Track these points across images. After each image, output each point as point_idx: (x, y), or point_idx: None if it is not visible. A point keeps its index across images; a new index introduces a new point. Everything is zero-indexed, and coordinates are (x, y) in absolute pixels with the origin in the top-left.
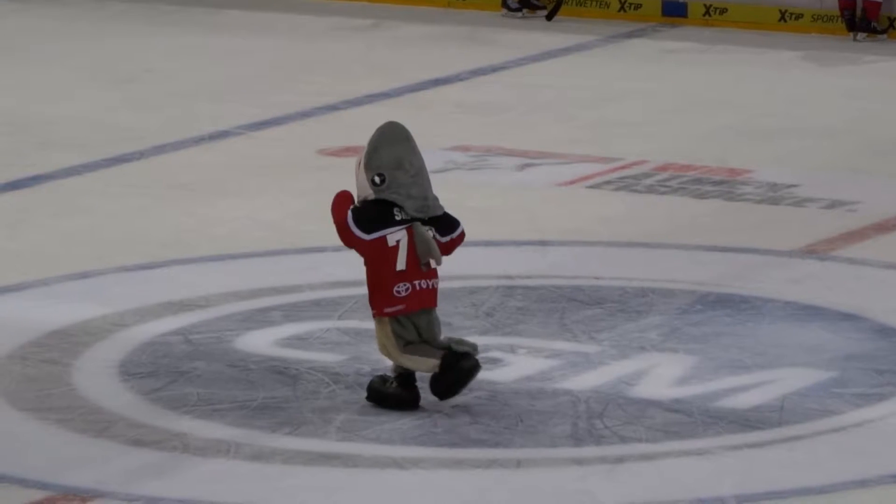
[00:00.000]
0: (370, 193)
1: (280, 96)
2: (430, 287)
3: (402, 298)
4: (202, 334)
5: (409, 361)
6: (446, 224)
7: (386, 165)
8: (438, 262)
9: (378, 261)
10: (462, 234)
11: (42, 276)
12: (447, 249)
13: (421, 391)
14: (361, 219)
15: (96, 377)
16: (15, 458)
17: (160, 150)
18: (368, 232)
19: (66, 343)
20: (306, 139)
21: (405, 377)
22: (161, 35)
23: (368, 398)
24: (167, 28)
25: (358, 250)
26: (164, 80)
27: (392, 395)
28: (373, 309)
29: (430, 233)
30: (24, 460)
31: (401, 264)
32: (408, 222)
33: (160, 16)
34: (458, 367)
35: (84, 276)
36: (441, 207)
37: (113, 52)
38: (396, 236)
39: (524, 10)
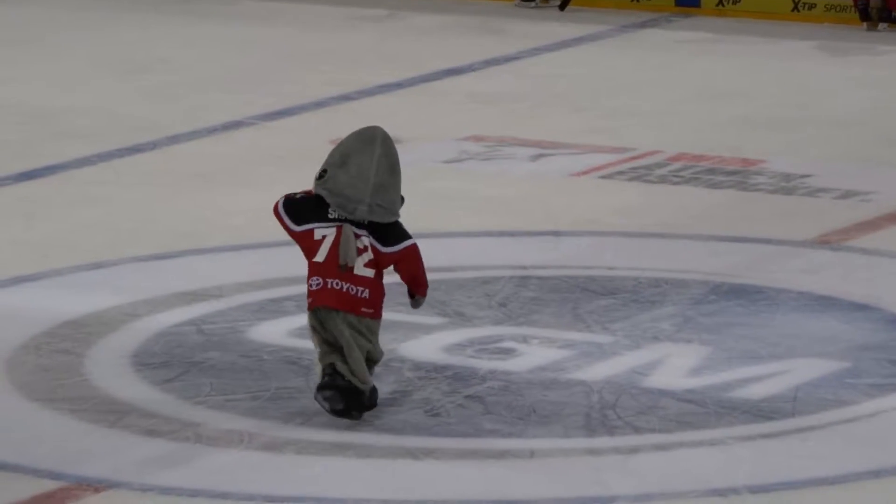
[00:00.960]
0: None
1: (293, 86)
2: (344, 290)
3: (312, 291)
4: (216, 324)
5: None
6: (392, 235)
7: (333, 162)
8: (346, 264)
9: (306, 252)
10: (408, 251)
11: (56, 266)
12: (386, 261)
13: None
14: (292, 209)
15: (109, 367)
16: (28, 448)
17: (174, 140)
18: (297, 223)
19: (79, 333)
20: (320, 129)
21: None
22: (175, 25)
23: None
24: (181, 18)
25: (291, 237)
26: (177, 70)
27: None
28: None
29: (365, 238)
30: (37, 450)
31: (319, 257)
32: (340, 222)
33: (174, 5)
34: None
35: (98, 266)
36: (390, 217)
37: (127, 42)
38: (324, 231)
39: (537, 0)
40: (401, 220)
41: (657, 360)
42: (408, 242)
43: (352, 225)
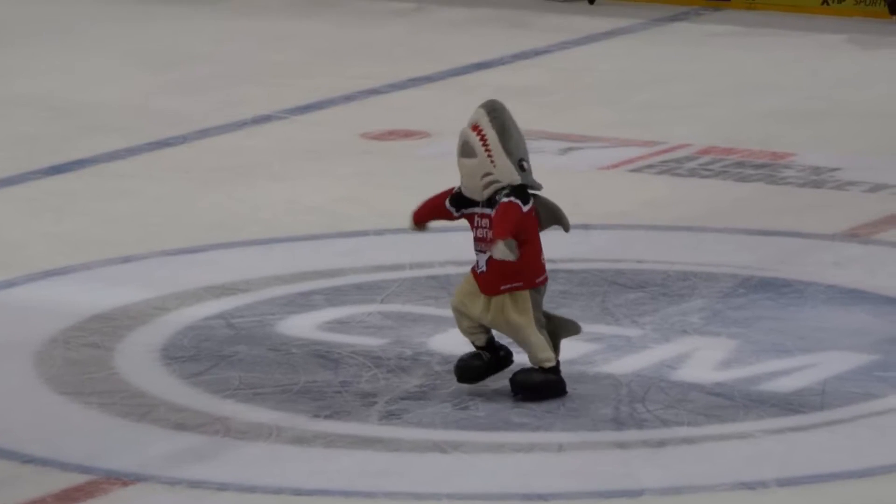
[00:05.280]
0: (516, 178)
1: (323, 80)
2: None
3: (544, 268)
4: (244, 318)
5: (536, 338)
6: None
7: (523, 151)
8: (566, 229)
9: (533, 231)
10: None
11: (85, 260)
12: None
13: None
14: (522, 195)
15: (138, 361)
16: (56, 442)
17: (204, 133)
18: (526, 203)
19: (108, 327)
20: (349, 123)
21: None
22: (205, 18)
23: (526, 391)
24: (212, 11)
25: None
26: (207, 63)
27: (552, 382)
28: (517, 282)
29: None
30: (65, 444)
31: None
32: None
33: None
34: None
35: (127, 260)
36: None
37: (157, 36)
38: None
39: None
40: None
41: (686, 354)
42: None
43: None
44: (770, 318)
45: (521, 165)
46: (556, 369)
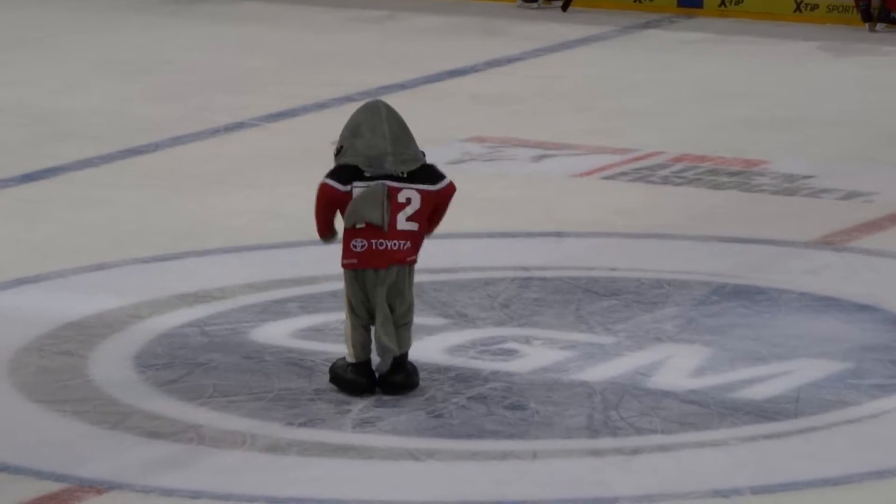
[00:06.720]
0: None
1: (296, 87)
2: (389, 248)
3: (356, 253)
4: (218, 326)
5: (346, 327)
6: (436, 174)
7: (346, 136)
8: (382, 225)
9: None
10: (452, 187)
11: (58, 267)
12: (441, 198)
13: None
14: (337, 176)
15: (112, 369)
16: (31, 449)
17: (176, 141)
18: (344, 184)
19: (82, 335)
20: (322, 130)
21: (360, 364)
22: (178, 26)
23: (331, 380)
24: (184, 19)
25: (339, 208)
26: (180, 71)
27: (347, 380)
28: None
29: (408, 190)
30: (39, 452)
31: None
32: (376, 179)
33: (177, 7)
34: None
35: (100, 267)
36: (417, 163)
37: (130, 44)
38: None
39: (539, 1)
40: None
41: (659, 361)
42: (448, 179)
43: (390, 180)
44: (744, 326)
45: (335, 152)
46: (356, 367)
